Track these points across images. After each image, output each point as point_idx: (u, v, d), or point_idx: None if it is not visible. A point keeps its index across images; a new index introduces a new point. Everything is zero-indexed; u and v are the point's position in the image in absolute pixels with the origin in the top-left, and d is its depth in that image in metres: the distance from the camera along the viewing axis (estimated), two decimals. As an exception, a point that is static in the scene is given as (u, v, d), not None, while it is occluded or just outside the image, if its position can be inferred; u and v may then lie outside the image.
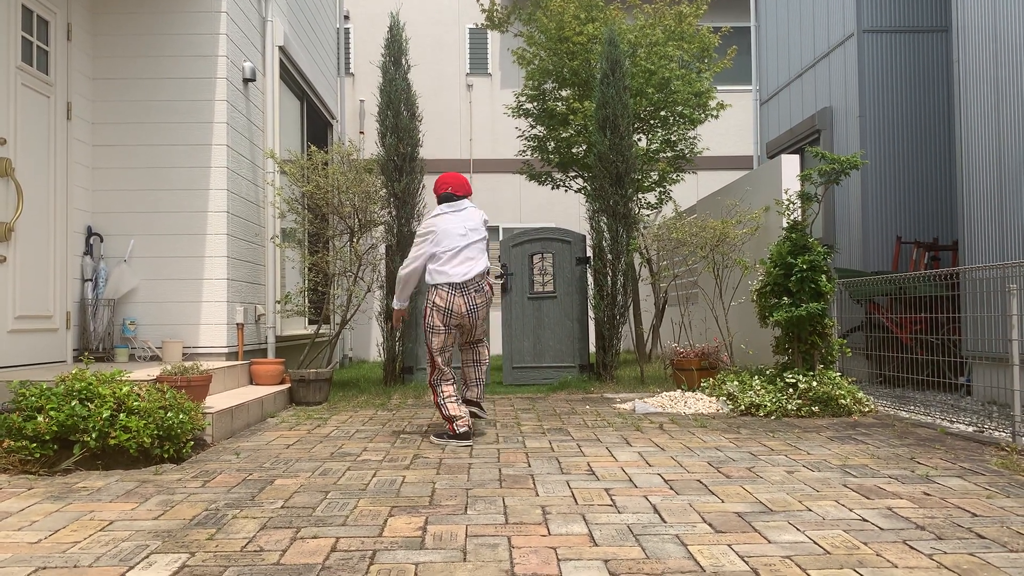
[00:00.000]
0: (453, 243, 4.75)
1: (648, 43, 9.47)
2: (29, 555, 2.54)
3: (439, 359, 4.73)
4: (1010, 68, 6.16)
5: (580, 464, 3.94)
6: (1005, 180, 6.21)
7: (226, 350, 6.39)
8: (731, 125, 13.78)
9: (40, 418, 3.77)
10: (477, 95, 14.65)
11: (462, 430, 4.62)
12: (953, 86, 6.98)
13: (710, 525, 2.84)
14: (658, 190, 10.28)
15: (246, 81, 6.98)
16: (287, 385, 6.47)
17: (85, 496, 3.32)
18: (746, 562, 2.44)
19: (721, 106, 10.03)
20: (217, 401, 5.13)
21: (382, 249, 7.78)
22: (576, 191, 10.57)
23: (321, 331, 7.74)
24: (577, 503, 3.16)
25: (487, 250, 4.92)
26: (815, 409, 5.59)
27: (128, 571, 2.39)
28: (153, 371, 5.05)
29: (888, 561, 2.44)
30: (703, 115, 9.94)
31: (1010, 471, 3.70)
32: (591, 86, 9.16)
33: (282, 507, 3.13)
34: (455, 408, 4.67)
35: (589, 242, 8.12)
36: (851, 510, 3.03)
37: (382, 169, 7.74)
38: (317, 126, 10.03)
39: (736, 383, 6.08)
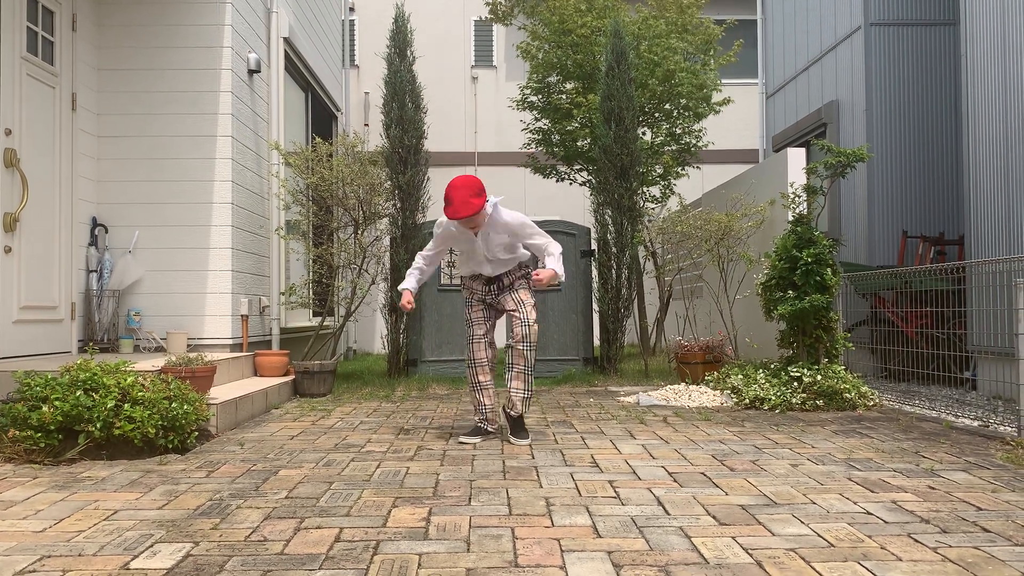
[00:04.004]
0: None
1: (651, 35, 9.44)
2: (34, 544, 2.55)
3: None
4: (1018, 61, 6.12)
5: (584, 456, 3.94)
6: (1012, 174, 6.18)
7: (231, 341, 6.40)
8: (736, 119, 13.71)
9: (45, 408, 3.78)
10: (482, 88, 14.62)
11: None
12: (960, 79, 6.94)
13: (714, 517, 2.84)
14: (662, 184, 10.26)
15: (251, 72, 6.98)
16: (291, 377, 6.48)
17: (89, 486, 3.33)
18: (750, 554, 2.43)
19: (726, 101, 10.00)
20: (221, 392, 5.14)
21: (386, 241, 7.78)
22: (581, 184, 10.54)
23: (325, 323, 7.74)
24: (581, 495, 3.16)
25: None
26: (819, 403, 5.58)
27: (132, 560, 2.39)
28: (158, 362, 5.06)
29: (892, 554, 2.43)
30: (707, 109, 9.91)
31: (1015, 465, 3.69)
32: (595, 79, 9.13)
33: (286, 497, 3.14)
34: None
35: (593, 235, 8.09)
36: (855, 503, 3.02)
37: (387, 161, 7.73)
38: (322, 118, 10.02)
39: (740, 377, 6.07)
